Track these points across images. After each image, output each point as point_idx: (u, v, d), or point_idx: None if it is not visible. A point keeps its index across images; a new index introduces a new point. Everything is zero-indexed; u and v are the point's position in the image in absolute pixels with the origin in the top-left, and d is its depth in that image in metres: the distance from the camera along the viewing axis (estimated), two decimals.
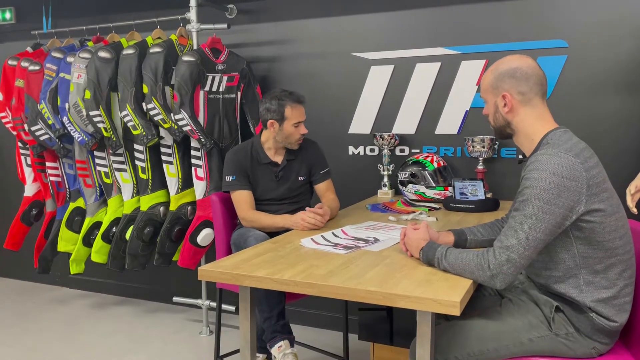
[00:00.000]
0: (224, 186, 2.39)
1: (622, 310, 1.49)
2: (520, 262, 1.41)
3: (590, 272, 1.47)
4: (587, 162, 1.42)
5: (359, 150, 3.12)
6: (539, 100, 1.54)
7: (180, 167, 3.03)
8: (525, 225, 1.40)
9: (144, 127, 2.93)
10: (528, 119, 1.54)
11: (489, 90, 1.59)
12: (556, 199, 1.38)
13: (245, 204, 2.32)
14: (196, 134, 2.86)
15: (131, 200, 3.18)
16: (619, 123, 2.59)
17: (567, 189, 1.38)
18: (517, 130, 1.57)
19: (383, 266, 1.60)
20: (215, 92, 2.99)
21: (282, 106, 2.33)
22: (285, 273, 1.54)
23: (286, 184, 2.43)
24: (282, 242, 1.93)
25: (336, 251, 1.77)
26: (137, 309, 3.68)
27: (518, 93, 1.53)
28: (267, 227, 2.24)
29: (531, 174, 1.41)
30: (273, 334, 2.03)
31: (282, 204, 2.43)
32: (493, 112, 1.60)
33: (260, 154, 2.42)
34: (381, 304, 1.39)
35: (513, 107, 1.54)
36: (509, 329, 1.54)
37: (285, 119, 2.34)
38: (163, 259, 3.11)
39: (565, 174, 1.38)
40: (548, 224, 1.39)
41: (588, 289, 1.48)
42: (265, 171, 2.41)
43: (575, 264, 1.48)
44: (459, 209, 2.52)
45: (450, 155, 2.93)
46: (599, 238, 1.44)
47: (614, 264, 1.47)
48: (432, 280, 1.46)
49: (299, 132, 2.36)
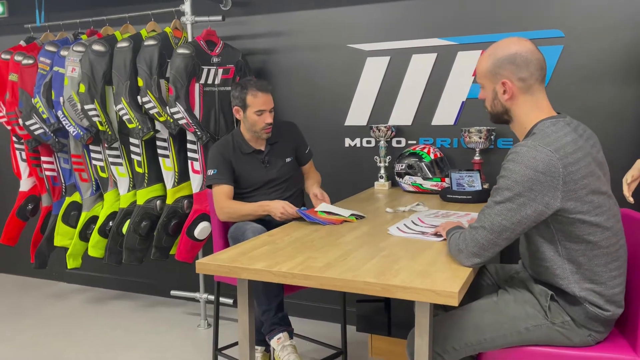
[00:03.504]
0: (207, 180, 2.40)
1: (612, 301, 1.49)
2: (484, 245, 1.44)
3: (575, 264, 1.47)
4: (568, 158, 1.39)
5: (356, 142, 3.12)
6: (539, 86, 1.51)
7: (176, 160, 3.02)
8: (492, 211, 1.44)
9: (139, 120, 2.91)
10: (526, 107, 1.52)
11: (487, 77, 1.55)
12: (527, 192, 1.38)
13: (223, 196, 2.32)
14: (192, 127, 2.84)
15: (127, 194, 3.17)
16: (615, 113, 2.59)
17: (540, 183, 1.37)
18: (514, 118, 1.55)
19: (381, 258, 1.60)
20: (211, 85, 2.97)
21: (244, 93, 2.35)
22: (283, 265, 1.54)
23: (275, 168, 2.45)
24: (279, 234, 1.93)
25: (428, 239, 1.80)
26: (135, 303, 3.68)
27: (518, 80, 1.49)
28: (245, 215, 2.25)
29: (508, 164, 1.42)
30: (272, 327, 2.03)
31: (277, 190, 2.43)
32: (491, 98, 1.56)
33: (242, 144, 2.43)
34: (379, 296, 1.39)
35: (513, 94, 1.51)
36: (506, 318, 1.54)
37: (247, 107, 2.35)
38: (160, 253, 3.11)
39: (540, 169, 1.37)
40: (515, 214, 1.40)
41: (575, 278, 1.48)
42: (251, 160, 2.42)
43: (559, 255, 1.48)
44: (456, 200, 2.52)
45: (446, 146, 2.92)
46: (579, 232, 1.44)
47: (597, 256, 1.46)
48: (431, 271, 1.46)
49: (263, 120, 2.35)
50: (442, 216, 2.18)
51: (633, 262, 1.63)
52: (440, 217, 2.16)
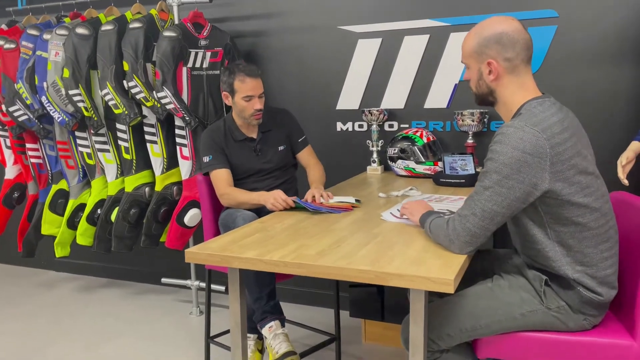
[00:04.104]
0: (202, 168, 2.34)
1: (604, 283, 1.47)
2: (476, 232, 1.41)
3: (565, 247, 1.45)
4: (555, 138, 1.37)
5: (348, 126, 3.07)
6: (524, 66, 1.48)
7: (164, 146, 2.96)
8: (482, 196, 1.40)
9: (125, 106, 2.85)
10: (511, 88, 1.48)
11: (473, 56, 1.51)
12: (515, 174, 1.35)
13: (222, 182, 2.28)
14: (180, 112, 2.78)
15: (115, 181, 3.11)
16: (610, 94, 2.57)
17: (527, 164, 1.35)
18: (499, 99, 1.52)
19: (375, 244, 1.57)
20: (199, 69, 2.91)
21: (231, 78, 2.29)
22: (274, 254, 1.50)
23: (267, 156, 2.40)
24: (271, 221, 1.89)
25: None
26: (126, 291, 3.65)
27: (504, 60, 1.45)
28: (243, 203, 2.21)
29: (495, 146, 1.39)
30: (263, 315, 2.01)
31: (269, 178, 2.39)
32: (476, 79, 1.52)
33: (235, 131, 2.37)
34: (373, 283, 1.36)
35: (499, 75, 1.47)
36: (500, 304, 1.52)
37: (235, 92, 2.29)
38: (150, 241, 3.06)
39: (527, 149, 1.34)
40: (505, 198, 1.37)
41: (566, 260, 1.46)
42: (243, 148, 2.37)
43: (549, 238, 1.46)
44: (449, 184, 2.49)
45: (439, 129, 2.89)
46: (567, 214, 1.42)
47: (587, 237, 1.44)
48: (425, 258, 1.43)
49: (251, 106, 2.28)
50: (435, 201, 2.15)
51: (627, 245, 1.62)
52: (434, 202, 2.13)
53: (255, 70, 2.31)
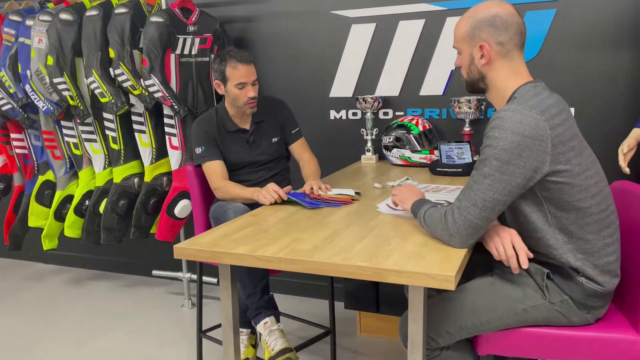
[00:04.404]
0: (195, 159, 2.27)
1: (607, 272, 1.43)
2: (477, 223, 1.35)
3: (566, 233, 1.41)
4: (554, 119, 1.33)
5: (341, 115, 3.00)
6: (517, 52, 1.43)
7: (153, 136, 2.88)
8: (482, 186, 1.34)
9: (112, 94, 2.76)
10: (503, 73, 1.44)
11: (465, 40, 1.46)
12: (516, 159, 1.30)
13: (216, 175, 2.21)
14: (168, 101, 2.70)
15: (103, 172, 3.03)
16: (610, 80, 2.50)
17: (529, 148, 1.30)
18: (490, 85, 1.47)
19: (371, 238, 1.51)
20: (187, 56, 2.81)
21: (223, 65, 2.20)
22: (267, 249, 1.44)
23: (260, 148, 2.32)
24: (263, 214, 1.83)
25: None
26: (116, 283, 3.58)
27: (497, 43, 1.41)
28: (236, 197, 2.14)
29: (492, 132, 1.33)
30: (257, 310, 1.95)
31: (262, 170, 2.32)
32: (468, 64, 1.48)
33: (227, 121, 2.29)
34: (371, 280, 1.31)
35: (491, 59, 1.43)
36: (502, 299, 1.47)
37: (227, 80, 2.20)
38: (140, 233, 2.99)
39: (527, 133, 1.29)
40: (506, 185, 1.32)
41: (568, 248, 1.41)
42: (235, 139, 2.29)
43: (549, 225, 1.41)
44: (446, 173, 2.43)
45: (435, 117, 2.82)
46: (568, 198, 1.37)
47: (589, 223, 1.39)
48: (424, 253, 1.37)
49: (245, 94, 2.20)
50: (432, 191, 2.10)
51: (630, 236, 1.57)
52: (431, 192, 2.08)
53: (247, 56, 2.23)
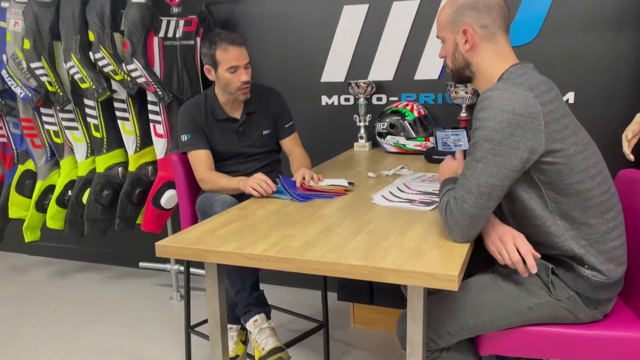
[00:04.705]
0: (180, 147, 2.15)
1: (612, 258, 1.35)
2: (475, 212, 1.27)
3: (567, 219, 1.33)
4: (543, 96, 1.26)
5: (333, 100, 2.89)
6: (502, 34, 1.38)
7: (137, 123, 2.75)
8: (475, 171, 1.26)
9: (92, 79, 2.63)
10: (489, 58, 1.38)
11: (447, 27, 1.41)
12: (509, 139, 1.22)
13: (202, 165, 2.10)
14: (152, 87, 2.58)
15: (86, 161, 2.91)
16: (612, 63, 2.41)
17: (520, 127, 1.22)
18: (477, 72, 1.41)
19: (367, 234, 1.42)
20: (172, 39, 2.69)
21: (212, 49, 2.06)
22: (256, 246, 1.34)
23: (249, 140, 2.20)
24: (251, 208, 1.73)
25: (417, 207, 1.62)
26: (103, 275, 3.48)
27: (481, 27, 1.36)
28: (223, 188, 2.03)
29: (480, 113, 1.25)
30: (247, 307, 1.86)
31: (251, 161, 2.21)
32: (452, 51, 1.42)
33: (216, 109, 2.17)
34: (368, 280, 1.22)
35: (475, 44, 1.37)
36: (505, 297, 1.39)
37: (218, 64, 2.06)
38: (125, 224, 2.89)
39: (517, 110, 1.22)
40: (501, 168, 1.24)
41: (570, 235, 1.33)
42: (223, 128, 2.17)
43: (549, 211, 1.33)
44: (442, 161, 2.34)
45: (430, 102, 2.72)
46: (567, 180, 1.29)
47: (591, 207, 1.32)
48: (424, 249, 1.28)
49: (237, 78, 2.06)
50: (429, 180, 2.01)
51: (634, 226, 1.49)
52: (427, 182, 1.99)
53: (238, 38, 2.09)
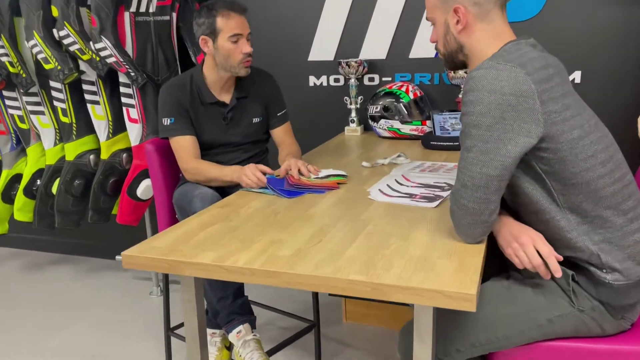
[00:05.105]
0: (161, 131, 1.94)
1: (635, 254, 1.19)
2: (474, 207, 1.12)
3: (578, 213, 1.18)
4: (537, 73, 1.10)
5: (322, 81, 2.69)
6: (498, 11, 1.23)
7: (109, 107, 2.53)
8: (466, 162, 1.13)
9: (58, 59, 2.39)
10: (484, 39, 1.23)
11: (437, 6, 1.27)
12: (499, 123, 1.07)
13: (187, 153, 1.89)
14: (124, 67, 2.35)
15: (54, 148, 2.69)
16: (624, 40, 2.23)
17: (513, 107, 1.07)
18: (471, 55, 1.26)
19: (364, 238, 1.24)
20: (144, 14, 2.45)
21: (212, 16, 1.84)
22: (239, 256, 1.16)
23: (238, 127, 2.00)
24: (234, 205, 1.54)
25: (419, 204, 1.47)
26: (78, 268, 3.28)
27: (473, 4, 1.22)
28: (213, 179, 1.84)
29: (467, 96, 1.12)
30: (230, 317, 1.68)
31: (236, 151, 2.01)
32: (443, 34, 1.28)
33: (203, 91, 1.95)
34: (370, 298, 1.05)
35: (468, 24, 1.23)
36: (521, 309, 1.23)
37: (219, 32, 1.85)
38: (99, 216, 2.68)
39: (507, 90, 1.07)
40: (494, 155, 1.09)
41: (583, 229, 1.18)
42: (210, 113, 1.96)
43: (557, 206, 1.18)
44: (441, 147, 2.17)
45: (426, 83, 2.54)
46: (573, 169, 1.14)
47: (604, 197, 1.16)
48: (432, 259, 1.11)
49: (239, 49, 1.86)
50: (428, 170, 1.84)
51: None
52: (427, 172, 1.82)
53: (241, 6, 1.88)
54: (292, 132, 2.11)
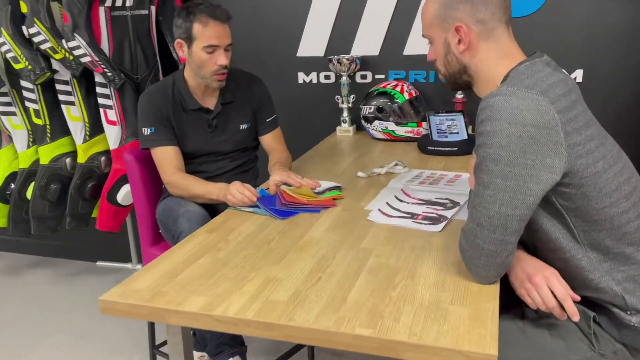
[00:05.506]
0: (141, 142, 1.80)
1: None
2: (490, 249, 1.03)
3: (599, 250, 1.09)
4: (560, 101, 1.00)
5: (312, 78, 2.55)
6: (503, 28, 1.13)
7: (84, 108, 2.38)
8: (483, 199, 1.02)
9: (28, 58, 2.22)
10: (491, 59, 1.12)
11: (435, 24, 1.16)
12: (521, 157, 0.97)
13: (169, 165, 1.76)
14: (99, 67, 2.19)
15: (27, 151, 2.53)
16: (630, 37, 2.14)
17: (535, 141, 0.97)
18: (476, 77, 1.15)
19: (368, 275, 1.14)
20: (121, 8, 2.28)
21: (189, 21, 1.70)
22: (230, 302, 1.05)
23: (224, 135, 1.87)
24: (222, 229, 1.42)
25: (422, 227, 1.37)
26: (58, 271, 3.14)
27: (476, 22, 1.11)
28: (197, 197, 1.71)
29: (483, 126, 1.01)
30: (219, 348, 1.57)
31: (223, 160, 1.89)
32: (443, 54, 1.16)
33: (185, 96, 1.81)
34: (378, 354, 0.95)
35: (471, 43, 1.12)
36: (537, 354, 1.13)
37: (194, 39, 1.71)
38: (77, 222, 2.55)
39: (529, 120, 0.97)
40: (515, 193, 0.99)
41: (605, 267, 1.09)
42: (194, 120, 1.83)
43: (576, 242, 1.09)
44: (439, 153, 2.07)
45: (421, 81, 2.42)
46: (597, 205, 1.04)
47: (627, 233, 1.08)
48: (444, 304, 1.01)
49: (213, 61, 1.72)
50: (428, 182, 1.74)
51: None
52: (427, 184, 1.71)
53: (223, 13, 1.73)
54: (282, 138, 1.98)
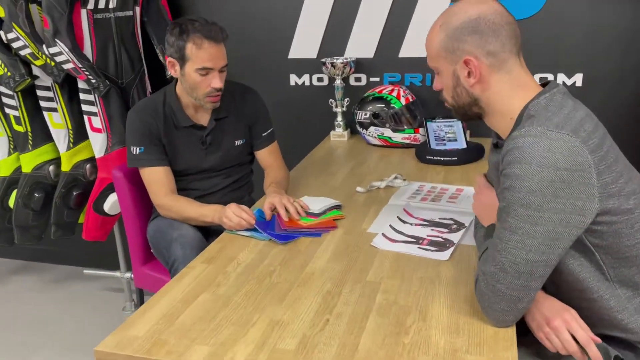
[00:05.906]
0: (130, 161, 1.71)
1: None
2: (512, 296, 0.99)
3: (629, 286, 1.06)
4: (592, 139, 0.96)
5: (304, 80, 2.47)
6: (515, 59, 1.07)
7: (68, 115, 2.27)
8: (509, 244, 0.98)
9: (7, 64, 2.11)
10: (503, 91, 1.07)
11: (442, 55, 1.09)
12: (552, 202, 0.93)
13: (159, 187, 1.68)
14: (83, 74, 2.09)
15: (8, 159, 2.42)
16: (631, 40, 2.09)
17: (567, 184, 0.93)
18: (488, 109, 1.10)
19: (377, 316, 1.09)
20: (104, 10, 2.17)
21: (182, 40, 1.60)
22: (235, 353, 0.99)
23: (218, 152, 1.79)
24: (220, 259, 1.36)
25: (428, 254, 1.33)
26: (43, 277, 3.06)
27: (487, 55, 1.05)
28: (191, 220, 1.65)
29: (512, 169, 0.96)
30: None
31: (217, 177, 1.81)
32: (452, 86, 1.11)
33: (177, 113, 1.73)
34: None
35: (482, 76, 1.06)
36: None
37: (187, 60, 1.61)
38: (63, 231, 2.46)
39: (562, 164, 0.92)
40: (543, 239, 0.95)
41: (634, 305, 1.06)
42: (187, 138, 1.74)
43: (605, 279, 1.05)
44: (438, 162, 2.02)
45: (417, 84, 2.36)
46: (628, 242, 1.01)
47: None
48: (460, 353, 0.97)
49: (207, 84, 1.63)
50: (430, 199, 1.69)
51: None
52: (428, 201, 1.67)
53: (218, 33, 1.62)
54: (279, 153, 1.91)
